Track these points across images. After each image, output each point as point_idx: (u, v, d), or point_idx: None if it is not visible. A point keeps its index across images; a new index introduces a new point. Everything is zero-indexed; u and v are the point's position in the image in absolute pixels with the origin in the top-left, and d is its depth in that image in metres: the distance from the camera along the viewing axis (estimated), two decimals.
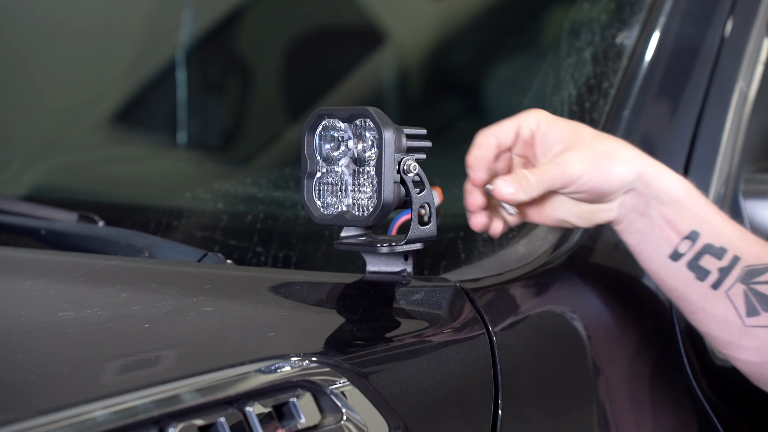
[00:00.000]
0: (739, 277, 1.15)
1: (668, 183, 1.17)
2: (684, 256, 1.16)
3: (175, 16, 2.04)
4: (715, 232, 1.16)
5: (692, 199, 1.17)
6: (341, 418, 0.95)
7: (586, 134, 1.17)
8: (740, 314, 1.14)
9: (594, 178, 1.14)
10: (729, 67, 1.44)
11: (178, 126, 1.97)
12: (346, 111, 1.13)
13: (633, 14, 1.49)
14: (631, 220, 1.18)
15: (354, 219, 1.14)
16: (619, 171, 1.15)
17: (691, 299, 1.17)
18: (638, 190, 1.16)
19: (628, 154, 1.17)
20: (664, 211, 1.16)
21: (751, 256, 1.15)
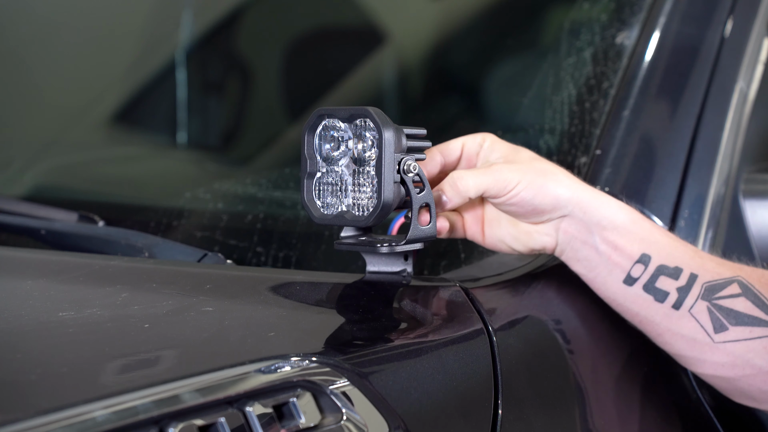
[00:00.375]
0: (699, 295, 1.14)
1: (608, 209, 1.16)
2: (638, 280, 1.15)
3: (175, 16, 2.04)
4: (667, 252, 1.15)
5: (637, 224, 1.16)
6: (341, 418, 0.95)
7: (526, 154, 1.18)
8: (707, 332, 1.13)
9: (526, 191, 1.14)
10: (729, 67, 1.44)
11: (178, 126, 1.97)
12: (346, 111, 1.13)
13: (633, 14, 1.49)
14: (574, 249, 1.17)
15: (354, 219, 1.14)
16: (552, 189, 1.14)
17: (654, 321, 1.16)
18: (575, 216, 1.15)
19: (565, 178, 1.16)
20: (608, 237, 1.15)
21: (708, 273, 1.14)
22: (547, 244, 1.18)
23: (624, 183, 1.35)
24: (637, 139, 1.37)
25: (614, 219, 1.15)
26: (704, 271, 1.14)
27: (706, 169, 1.39)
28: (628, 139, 1.37)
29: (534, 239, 1.18)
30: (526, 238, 1.19)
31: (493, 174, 1.14)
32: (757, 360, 1.13)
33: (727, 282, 1.14)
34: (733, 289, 1.14)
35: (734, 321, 1.13)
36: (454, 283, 1.17)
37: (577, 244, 1.16)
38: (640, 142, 1.38)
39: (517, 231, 1.19)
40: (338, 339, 1.05)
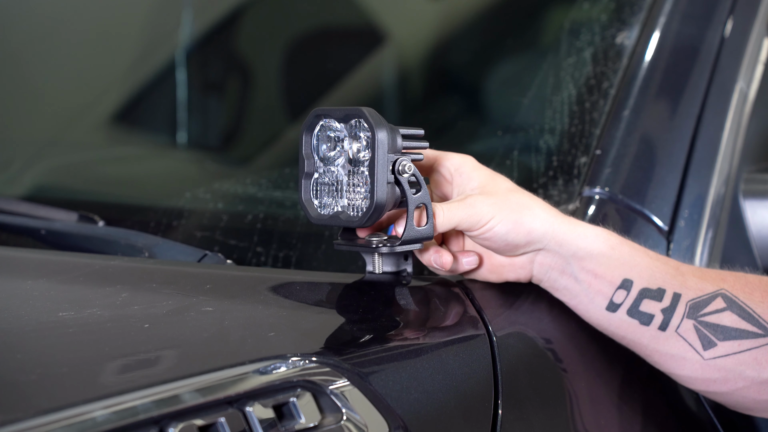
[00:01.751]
0: (685, 314, 1.13)
1: (585, 240, 1.14)
2: (622, 305, 1.14)
3: (175, 16, 2.04)
4: (649, 275, 1.14)
5: (616, 249, 1.14)
6: (341, 418, 0.95)
7: (504, 185, 1.16)
8: (696, 350, 1.13)
9: (500, 226, 1.12)
10: (729, 67, 1.44)
11: (178, 126, 1.97)
12: (341, 111, 1.13)
13: (633, 14, 1.49)
14: (551, 279, 1.16)
15: (349, 219, 1.13)
16: (527, 224, 1.13)
17: (642, 344, 1.15)
18: (550, 249, 1.14)
19: (541, 211, 1.14)
20: (587, 266, 1.14)
21: (692, 290, 1.13)
22: (521, 276, 1.17)
23: (624, 183, 1.35)
24: (637, 139, 1.37)
25: (591, 249, 1.14)
26: (687, 288, 1.13)
27: (706, 169, 1.39)
28: (628, 139, 1.37)
29: (508, 271, 1.17)
30: (500, 271, 1.18)
31: (467, 208, 1.12)
32: (748, 372, 1.13)
33: (711, 297, 1.13)
34: (718, 303, 1.13)
35: (722, 336, 1.12)
36: (454, 283, 1.17)
37: (555, 274, 1.16)
38: (640, 142, 1.38)
39: (490, 263, 1.18)
40: (338, 339, 1.05)
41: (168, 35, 2.05)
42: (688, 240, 1.34)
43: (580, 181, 1.36)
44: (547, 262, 1.15)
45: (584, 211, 1.32)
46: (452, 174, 1.18)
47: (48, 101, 2.08)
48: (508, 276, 1.18)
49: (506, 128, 1.61)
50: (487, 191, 1.15)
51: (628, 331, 1.15)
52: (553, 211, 1.15)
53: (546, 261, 1.15)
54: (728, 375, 1.13)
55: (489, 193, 1.14)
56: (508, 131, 1.60)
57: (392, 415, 0.99)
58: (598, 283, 1.14)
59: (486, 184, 1.16)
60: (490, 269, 1.18)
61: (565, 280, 1.15)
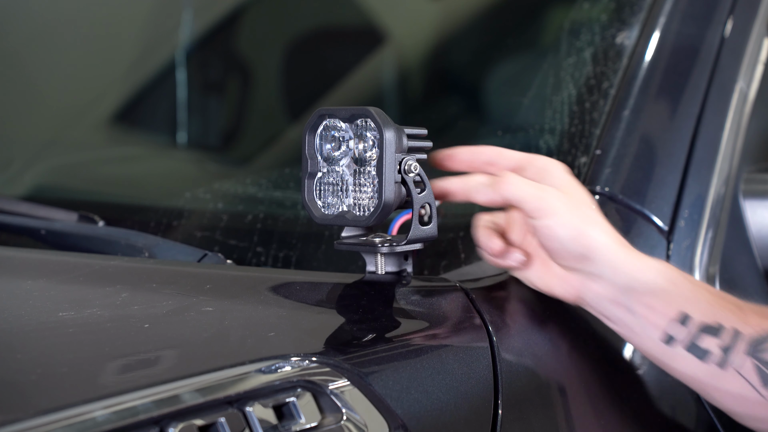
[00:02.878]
0: (744, 351, 1.09)
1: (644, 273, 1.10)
2: (679, 340, 1.10)
3: (175, 16, 2.04)
4: (708, 310, 1.10)
5: (677, 285, 1.11)
6: (341, 418, 0.95)
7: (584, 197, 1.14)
8: (756, 388, 1.09)
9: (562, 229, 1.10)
10: (729, 67, 1.44)
11: (178, 126, 1.97)
12: (347, 111, 1.13)
13: (633, 14, 1.49)
14: (603, 307, 1.13)
15: (355, 219, 1.14)
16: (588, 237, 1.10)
17: (699, 379, 1.11)
18: (605, 277, 1.11)
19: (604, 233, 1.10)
20: (644, 300, 1.10)
21: (752, 327, 1.09)
22: (569, 295, 1.14)
23: (624, 183, 1.35)
24: (637, 139, 1.37)
25: (649, 283, 1.10)
26: (747, 326, 1.09)
27: (706, 169, 1.39)
28: (628, 139, 1.37)
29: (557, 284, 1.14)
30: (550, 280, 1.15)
31: (541, 192, 1.10)
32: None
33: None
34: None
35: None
36: (454, 283, 1.17)
37: (607, 304, 1.12)
38: (640, 142, 1.38)
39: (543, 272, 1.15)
40: (338, 339, 1.05)
41: (168, 35, 2.05)
42: (688, 240, 1.34)
43: (580, 181, 1.36)
44: (601, 292, 1.11)
45: None
46: (540, 174, 1.15)
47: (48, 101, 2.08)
48: (555, 289, 1.15)
49: (506, 128, 1.61)
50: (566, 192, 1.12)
51: (685, 366, 1.11)
52: (619, 239, 1.12)
53: (600, 290, 1.11)
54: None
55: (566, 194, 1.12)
56: (508, 131, 1.60)
57: (392, 415, 0.99)
58: (655, 317, 1.10)
59: (567, 187, 1.13)
60: (540, 275, 1.15)
61: (618, 311, 1.12)
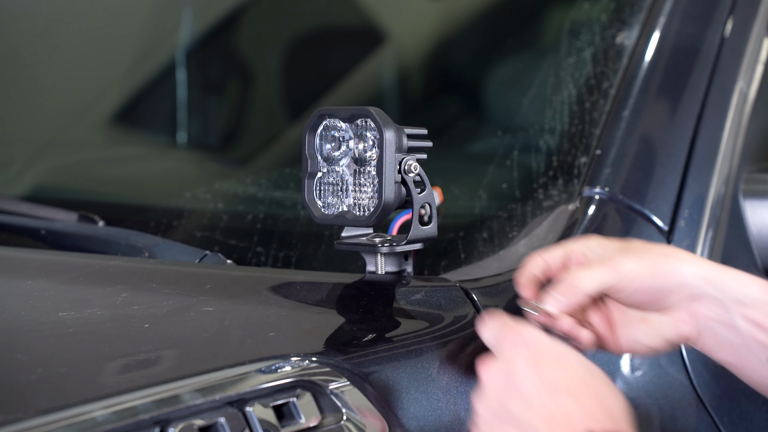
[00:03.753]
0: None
1: (744, 285, 1.05)
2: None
3: (175, 16, 2.04)
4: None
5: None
6: (341, 418, 0.95)
7: (640, 243, 1.10)
8: None
9: (650, 277, 1.05)
10: (729, 67, 1.44)
11: (178, 126, 1.97)
12: (347, 111, 1.13)
13: (633, 14, 1.49)
14: (714, 333, 1.06)
15: (355, 219, 1.14)
16: (677, 268, 1.05)
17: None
18: (708, 294, 1.05)
19: (689, 256, 1.07)
20: (749, 314, 1.04)
21: None
22: (684, 332, 1.07)
23: (624, 183, 1.35)
24: (637, 139, 1.37)
25: (752, 294, 1.05)
26: None
27: (706, 169, 1.39)
28: (628, 139, 1.37)
29: (669, 329, 1.08)
30: (660, 330, 1.08)
31: (611, 265, 1.05)
32: None
33: None
34: None
35: None
36: (454, 283, 1.17)
37: (717, 327, 1.06)
38: (640, 142, 1.38)
39: (648, 326, 1.08)
40: (338, 339, 1.05)
41: (168, 35, 2.05)
42: (688, 240, 1.34)
43: (580, 181, 1.36)
44: (707, 312, 1.06)
45: (584, 211, 1.32)
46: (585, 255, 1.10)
47: (48, 101, 2.08)
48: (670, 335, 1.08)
49: (506, 128, 1.61)
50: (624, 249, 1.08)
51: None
52: (703, 259, 1.09)
53: (706, 311, 1.06)
54: None
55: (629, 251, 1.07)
56: (508, 131, 1.60)
57: (392, 415, 0.99)
58: (763, 335, 1.04)
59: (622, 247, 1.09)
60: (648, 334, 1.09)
61: (727, 333, 1.05)
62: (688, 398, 1.27)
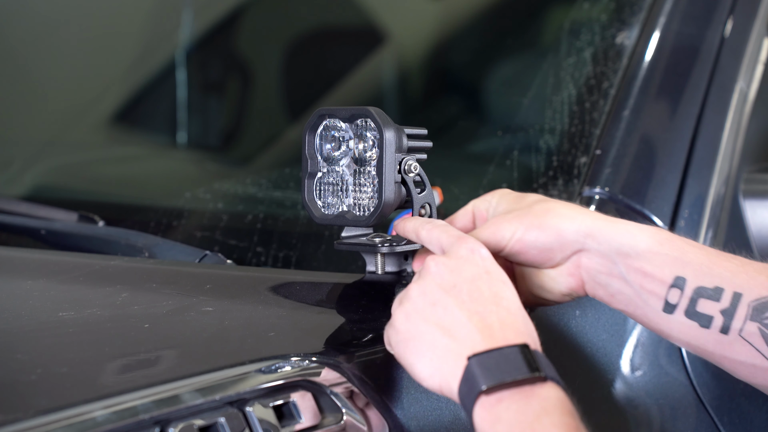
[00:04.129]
0: (747, 316, 1.01)
1: (627, 235, 1.06)
2: (678, 306, 1.04)
3: (175, 16, 2.04)
4: (704, 272, 1.04)
5: (665, 245, 1.05)
6: (341, 418, 0.95)
7: (530, 199, 1.12)
8: (765, 356, 1.01)
9: (527, 235, 1.07)
10: (729, 67, 1.44)
11: (178, 126, 1.97)
12: (347, 111, 1.13)
13: (633, 14, 1.49)
14: (604, 285, 1.08)
15: (355, 219, 1.14)
16: (553, 225, 1.07)
17: (708, 350, 1.05)
18: (592, 248, 1.07)
19: (568, 211, 1.08)
20: (634, 264, 1.05)
21: (755, 289, 1.02)
22: (573, 285, 1.09)
23: (624, 183, 1.35)
24: (637, 139, 1.37)
25: (636, 244, 1.05)
26: (751, 288, 1.02)
27: (706, 169, 1.39)
28: (628, 139, 1.37)
29: (559, 283, 1.10)
30: (553, 284, 1.10)
31: (488, 229, 1.08)
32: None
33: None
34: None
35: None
36: None
37: (604, 277, 1.07)
38: (640, 142, 1.38)
39: (543, 281, 1.11)
40: (338, 339, 1.05)
41: (168, 35, 2.05)
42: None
43: (580, 181, 1.36)
44: (592, 265, 1.07)
45: None
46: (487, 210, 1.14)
47: (48, 101, 2.08)
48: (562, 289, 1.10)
49: (506, 128, 1.61)
50: (512, 209, 1.10)
51: (690, 335, 1.05)
52: (587, 211, 1.09)
53: (591, 264, 1.07)
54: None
55: (512, 211, 1.10)
56: (508, 131, 1.60)
57: (392, 415, 0.99)
58: (650, 283, 1.05)
59: (512, 205, 1.11)
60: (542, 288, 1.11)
61: (615, 283, 1.07)
62: (688, 398, 1.27)
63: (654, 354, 1.25)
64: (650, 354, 1.26)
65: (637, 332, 1.24)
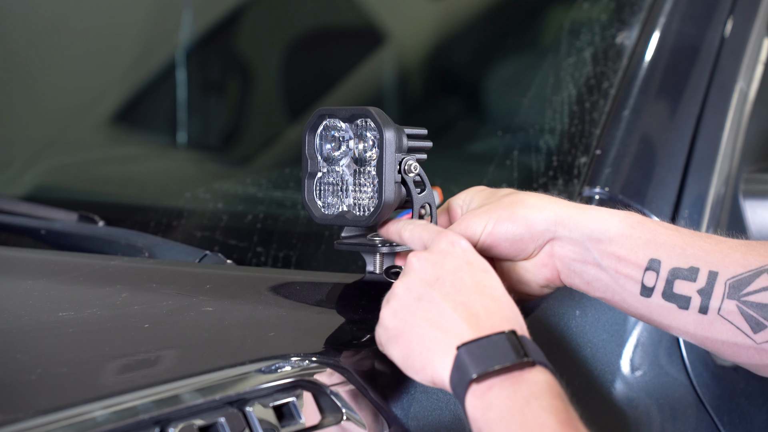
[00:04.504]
0: (725, 294, 1.02)
1: (597, 221, 1.06)
2: (655, 289, 1.04)
3: (175, 16, 2.04)
4: (678, 253, 1.04)
5: (636, 228, 1.05)
6: (341, 418, 0.95)
7: (501, 193, 1.12)
8: (747, 333, 1.01)
9: (497, 228, 1.07)
10: (729, 67, 1.44)
11: (178, 126, 1.97)
12: (347, 111, 1.13)
13: (633, 14, 1.49)
14: (580, 273, 1.07)
15: (355, 219, 1.14)
16: (521, 216, 1.07)
17: (689, 332, 1.04)
18: (563, 236, 1.07)
19: (537, 200, 1.08)
20: (608, 249, 1.05)
21: (731, 267, 1.02)
22: (548, 275, 1.10)
23: (624, 183, 1.35)
24: (637, 139, 1.38)
25: (607, 229, 1.05)
26: (725, 266, 1.02)
27: (706, 169, 1.39)
28: (628, 139, 1.38)
29: (535, 275, 1.10)
30: (529, 277, 1.10)
31: (459, 225, 1.08)
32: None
33: (754, 274, 1.01)
34: (763, 281, 1.01)
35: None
36: None
37: (579, 266, 1.07)
38: (640, 142, 1.38)
39: (519, 274, 1.11)
40: (338, 339, 1.05)
41: (168, 35, 2.05)
42: None
43: (580, 181, 1.36)
44: (565, 252, 1.07)
45: None
46: (462, 210, 1.15)
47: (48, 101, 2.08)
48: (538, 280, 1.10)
49: (506, 128, 1.61)
50: (484, 203, 1.11)
51: (670, 318, 1.04)
52: (556, 200, 1.09)
53: (563, 252, 1.07)
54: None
55: (483, 206, 1.10)
56: (508, 131, 1.60)
57: (392, 415, 0.99)
58: (624, 268, 1.05)
59: (484, 201, 1.12)
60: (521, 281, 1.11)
61: (590, 270, 1.06)
62: (688, 398, 1.27)
63: (654, 354, 1.25)
64: (650, 354, 1.26)
65: (637, 332, 1.24)
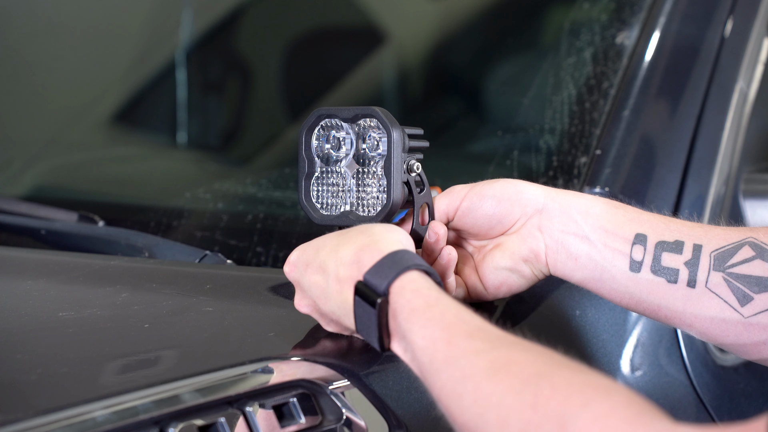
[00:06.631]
0: (711, 266, 1.03)
1: (585, 200, 1.08)
2: (643, 263, 1.04)
3: (175, 16, 2.04)
4: (662, 228, 1.05)
5: (620, 208, 1.07)
6: (341, 418, 0.95)
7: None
8: (734, 307, 1.02)
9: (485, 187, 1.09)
10: (729, 67, 1.44)
11: (178, 126, 1.97)
12: (349, 111, 1.13)
13: (633, 14, 1.49)
14: (566, 246, 1.07)
15: (359, 218, 1.13)
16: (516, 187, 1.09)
17: (677, 309, 1.04)
18: (554, 208, 1.08)
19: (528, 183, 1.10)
20: (597, 223, 1.06)
21: (713, 240, 1.04)
22: (534, 246, 1.08)
23: (624, 183, 1.35)
24: (637, 139, 1.38)
25: (593, 206, 1.07)
26: (708, 239, 1.03)
27: (706, 169, 1.39)
28: (628, 139, 1.38)
29: (520, 246, 1.09)
30: (512, 249, 1.09)
31: (445, 194, 1.11)
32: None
33: (737, 246, 1.03)
34: (746, 252, 1.02)
35: (757, 288, 1.02)
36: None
37: (566, 237, 1.07)
38: (640, 142, 1.38)
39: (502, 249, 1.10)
40: (338, 339, 1.05)
41: (168, 35, 2.05)
42: None
43: (580, 181, 1.36)
44: (557, 225, 1.07)
45: None
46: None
47: (48, 101, 2.08)
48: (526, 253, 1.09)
49: (506, 128, 1.61)
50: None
51: (659, 294, 1.04)
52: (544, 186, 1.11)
53: (554, 224, 1.07)
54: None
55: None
56: (508, 131, 1.60)
57: (392, 415, 0.99)
58: (613, 241, 1.05)
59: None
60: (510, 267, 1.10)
61: (579, 243, 1.07)
62: (688, 398, 1.27)
63: (654, 354, 1.25)
64: (650, 354, 1.26)
65: (637, 332, 1.24)
